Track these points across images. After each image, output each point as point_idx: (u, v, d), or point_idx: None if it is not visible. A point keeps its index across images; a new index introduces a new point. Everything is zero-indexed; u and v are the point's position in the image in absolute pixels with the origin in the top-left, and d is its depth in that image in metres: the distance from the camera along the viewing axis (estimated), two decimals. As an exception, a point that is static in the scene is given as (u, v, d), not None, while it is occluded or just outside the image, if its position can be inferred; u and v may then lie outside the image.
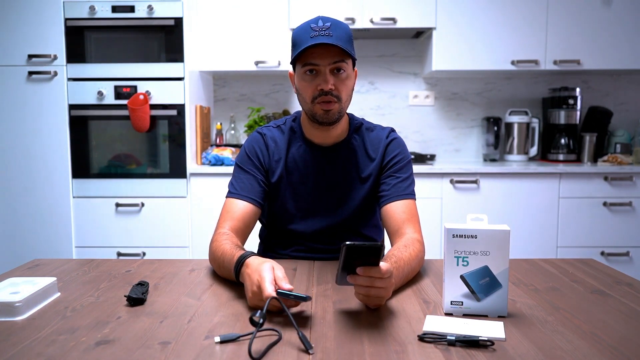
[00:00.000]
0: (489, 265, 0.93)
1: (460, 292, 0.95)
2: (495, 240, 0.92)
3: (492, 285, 0.93)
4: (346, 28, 1.24)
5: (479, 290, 0.94)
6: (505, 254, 0.93)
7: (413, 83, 3.24)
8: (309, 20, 1.24)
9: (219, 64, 2.90)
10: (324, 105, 1.25)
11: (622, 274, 1.21)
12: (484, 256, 0.93)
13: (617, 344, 0.82)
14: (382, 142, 1.38)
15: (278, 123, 1.42)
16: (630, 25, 2.83)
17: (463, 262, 0.94)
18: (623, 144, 3.05)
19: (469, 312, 0.95)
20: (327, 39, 1.19)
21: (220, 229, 1.26)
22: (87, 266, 1.29)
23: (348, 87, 1.27)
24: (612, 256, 2.72)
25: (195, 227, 2.70)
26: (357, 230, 1.41)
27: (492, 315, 0.94)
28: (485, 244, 0.93)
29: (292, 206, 1.38)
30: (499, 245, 0.92)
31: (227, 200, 1.33)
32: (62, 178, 2.69)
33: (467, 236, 0.93)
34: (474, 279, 0.94)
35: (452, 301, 0.95)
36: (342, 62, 1.23)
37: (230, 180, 1.37)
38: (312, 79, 1.24)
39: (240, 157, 1.39)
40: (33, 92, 2.66)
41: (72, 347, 0.81)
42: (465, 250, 0.93)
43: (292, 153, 1.37)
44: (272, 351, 0.79)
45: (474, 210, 2.68)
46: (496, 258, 0.93)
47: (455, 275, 0.94)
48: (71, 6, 2.63)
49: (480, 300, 0.94)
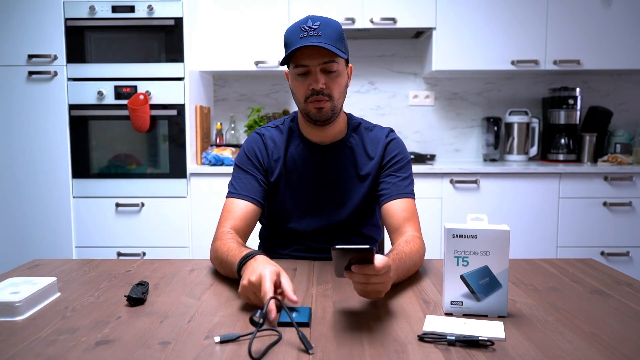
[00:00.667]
0: (489, 265, 0.93)
1: (460, 292, 0.95)
2: (496, 240, 0.92)
3: (492, 285, 0.93)
4: (336, 26, 1.24)
5: (479, 290, 0.94)
6: (505, 254, 0.93)
7: (413, 83, 3.24)
8: (299, 20, 1.24)
9: (219, 64, 2.90)
10: (316, 104, 1.26)
11: (622, 274, 1.21)
12: (484, 256, 0.93)
13: (617, 344, 0.82)
14: (382, 142, 1.38)
15: (277, 123, 1.43)
16: (630, 25, 2.83)
17: (463, 262, 0.94)
18: (623, 144, 3.05)
19: (469, 312, 0.95)
20: (315, 39, 1.19)
21: (223, 228, 1.26)
22: (87, 266, 1.29)
23: (340, 84, 1.27)
24: (612, 256, 2.72)
25: (195, 227, 2.70)
26: (357, 230, 1.41)
27: (492, 316, 0.94)
28: (485, 244, 0.93)
29: (291, 205, 1.38)
30: (499, 245, 0.92)
31: (228, 201, 1.33)
32: (62, 178, 2.69)
33: (467, 236, 0.93)
34: (474, 279, 0.94)
35: (452, 301, 0.95)
36: (332, 62, 1.23)
37: (229, 181, 1.37)
38: (303, 79, 1.25)
39: (240, 157, 1.39)
40: (33, 92, 2.66)
41: (72, 347, 0.81)
42: (465, 250, 0.93)
43: (290, 152, 1.37)
44: (272, 351, 0.79)
45: (474, 210, 2.68)
46: (496, 258, 0.93)
47: (455, 275, 0.94)
48: (71, 6, 2.63)
49: (480, 300, 0.94)
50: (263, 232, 1.52)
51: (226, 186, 1.37)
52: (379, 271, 0.90)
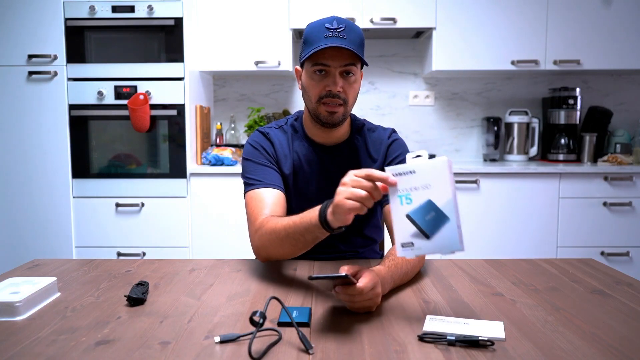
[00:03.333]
0: (432, 198, 0.89)
1: (409, 232, 0.90)
2: (434, 171, 0.89)
3: (439, 219, 0.88)
4: (359, 32, 1.24)
5: (426, 226, 0.89)
6: (446, 184, 0.88)
7: (413, 83, 3.24)
8: (323, 19, 1.23)
9: (219, 64, 2.90)
10: (329, 107, 1.25)
11: (622, 274, 1.21)
12: (425, 190, 0.89)
13: (617, 344, 0.82)
14: (384, 143, 1.38)
15: (279, 124, 1.42)
16: (630, 25, 2.83)
17: (407, 200, 0.90)
18: (623, 144, 3.05)
19: (420, 252, 0.90)
20: (341, 41, 1.19)
21: (262, 217, 1.20)
22: (87, 266, 1.29)
23: (355, 90, 1.28)
24: (612, 256, 2.72)
25: (195, 227, 2.70)
26: (359, 230, 1.41)
27: (445, 252, 0.89)
28: (423, 178, 0.89)
29: (296, 205, 1.37)
30: (439, 176, 0.88)
31: (252, 193, 1.28)
32: (62, 178, 2.69)
33: (405, 173, 0.90)
34: (419, 216, 0.89)
35: (402, 243, 0.90)
36: (353, 66, 1.24)
37: (244, 177, 1.33)
38: (320, 78, 1.24)
39: (249, 152, 1.36)
40: (33, 92, 2.66)
41: (72, 347, 0.81)
42: (405, 187, 0.90)
43: (296, 152, 1.37)
44: (272, 351, 0.79)
45: (474, 211, 2.68)
46: (438, 190, 0.88)
47: (401, 216, 0.90)
48: (71, 6, 2.63)
49: (430, 237, 0.89)
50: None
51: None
52: (361, 291, 0.90)
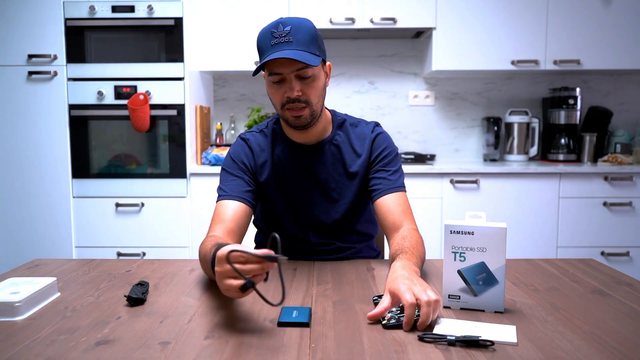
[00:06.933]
0: (486, 261, 0.95)
1: (457, 286, 0.97)
2: (492, 237, 0.94)
3: (489, 281, 0.95)
4: (308, 28, 1.20)
5: (475, 285, 0.96)
6: (501, 251, 0.94)
7: (413, 83, 3.24)
8: (271, 23, 1.20)
9: (219, 64, 2.90)
10: (293, 112, 1.24)
11: (622, 274, 1.21)
12: (481, 252, 0.95)
13: (617, 344, 0.82)
14: (368, 137, 1.38)
15: (260, 127, 1.42)
16: (630, 25, 2.83)
17: (460, 258, 0.96)
18: (623, 144, 3.05)
19: (466, 306, 0.97)
20: (286, 45, 1.16)
21: (210, 233, 1.22)
22: (87, 266, 1.29)
23: (317, 88, 1.24)
24: (612, 256, 2.72)
25: (195, 227, 2.70)
26: (352, 227, 1.40)
27: (489, 310, 0.96)
28: (482, 241, 0.94)
29: (283, 207, 1.37)
30: (496, 242, 0.94)
31: (218, 205, 1.31)
32: (62, 178, 2.69)
33: (464, 232, 0.95)
34: (471, 274, 0.96)
35: (449, 295, 0.97)
36: (306, 68, 1.20)
37: (218, 187, 1.36)
38: (279, 86, 1.23)
39: (226, 162, 1.38)
40: (33, 92, 2.66)
41: (72, 347, 0.81)
42: (462, 246, 0.96)
43: (277, 155, 1.37)
44: (273, 351, 0.79)
45: (474, 210, 2.68)
46: (493, 255, 0.95)
47: (453, 270, 0.97)
48: (71, 6, 2.63)
49: (477, 294, 0.96)
50: (259, 236, 1.52)
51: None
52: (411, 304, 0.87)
